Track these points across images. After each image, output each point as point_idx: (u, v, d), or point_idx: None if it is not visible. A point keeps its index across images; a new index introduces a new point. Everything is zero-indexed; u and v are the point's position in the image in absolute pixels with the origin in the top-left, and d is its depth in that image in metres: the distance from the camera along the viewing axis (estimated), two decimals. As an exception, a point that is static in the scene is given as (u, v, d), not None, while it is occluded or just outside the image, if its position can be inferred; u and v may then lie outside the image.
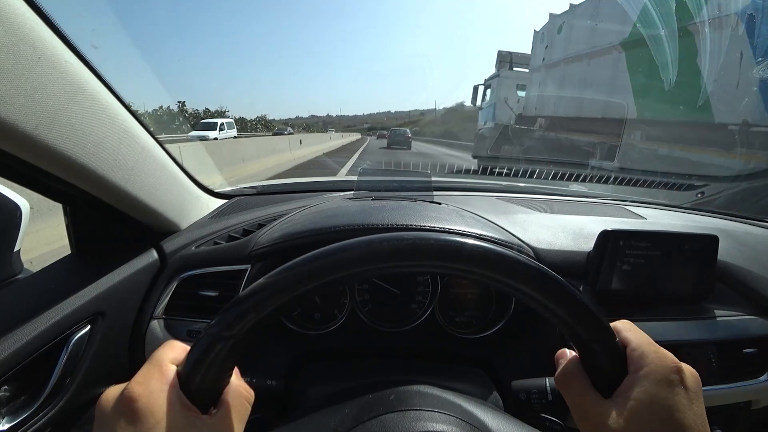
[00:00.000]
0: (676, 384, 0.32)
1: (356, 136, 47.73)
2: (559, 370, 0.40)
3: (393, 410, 0.47)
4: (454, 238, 0.35)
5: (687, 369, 0.34)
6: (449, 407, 0.48)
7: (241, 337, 0.32)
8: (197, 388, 0.32)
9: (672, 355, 0.35)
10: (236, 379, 0.36)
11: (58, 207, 0.70)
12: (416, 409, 0.47)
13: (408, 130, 25.82)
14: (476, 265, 0.34)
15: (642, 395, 0.32)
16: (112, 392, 0.31)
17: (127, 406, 0.29)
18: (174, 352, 0.34)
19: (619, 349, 0.35)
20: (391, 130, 26.09)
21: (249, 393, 0.36)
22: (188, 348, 0.33)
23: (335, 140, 25.52)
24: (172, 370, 0.32)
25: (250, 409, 0.36)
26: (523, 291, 0.34)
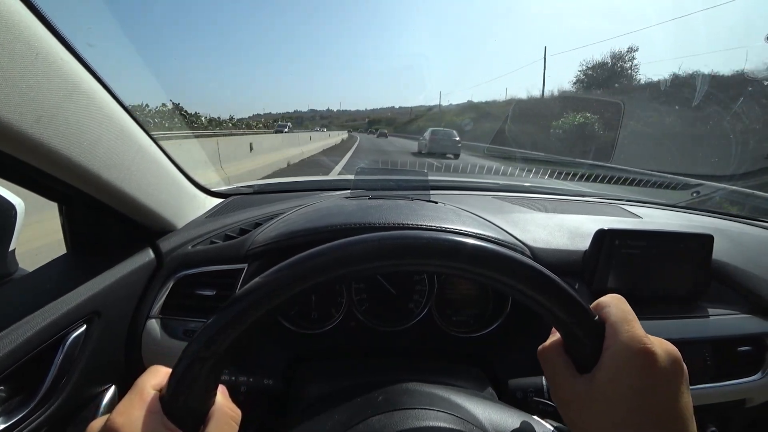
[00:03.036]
0: (645, 366, 0.31)
1: (338, 137, 31.76)
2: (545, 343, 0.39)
3: (381, 411, 0.46)
4: (428, 234, 0.35)
5: (661, 347, 0.32)
6: (438, 402, 0.48)
7: (221, 355, 0.32)
8: (181, 410, 0.31)
9: (644, 334, 0.33)
10: (222, 399, 0.35)
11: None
12: (404, 409, 0.47)
13: (455, 132, 16.46)
14: (454, 260, 0.34)
15: (607, 375, 0.32)
16: (96, 425, 0.31)
17: None
18: (156, 378, 0.34)
19: (597, 327, 0.34)
20: (431, 130, 16.82)
21: (235, 413, 0.36)
22: (170, 371, 0.33)
23: (290, 150, 12.79)
24: (152, 395, 0.32)
25: (237, 429, 0.35)
26: (498, 279, 0.34)
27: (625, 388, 0.31)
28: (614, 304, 0.36)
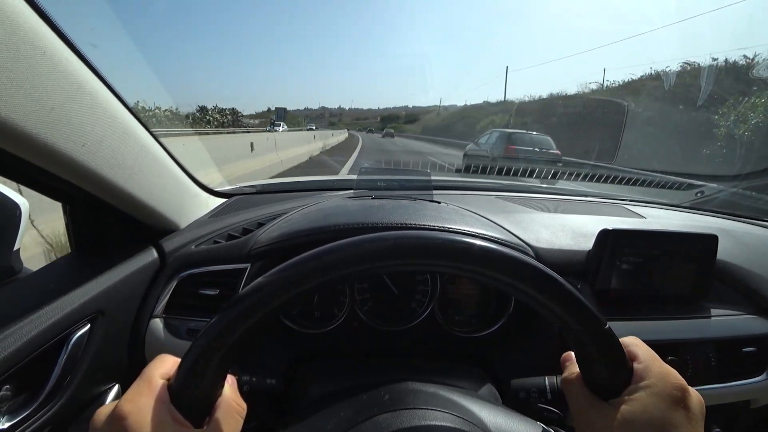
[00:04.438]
0: (677, 401, 0.33)
1: (332, 139, 24.54)
2: (564, 372, 0.41)
3: (387, 410, 0.47)
4: (455, 237, 0.35)
5: (693, 392, 0.34)
6: (444, 403, 0.48)
7: (230, 347, 0.32)
8: (188, 400, 0.31)
9: (678, 374, 0.35)
10: (230, 392, 0.36)
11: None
12: (410, 408, 0.47)
13: (550, 140, 9.20)
14: (494, 270, 0.34)
15: (638, 404, 0.33)
16: (104, 411, 0.31)
17: (117, 424, 0.29)
18: (164, 367, 0.34)
19: (626, 363, 0.36)
20: (505, 133, 9.64)
21: (241, 406, 0.36)
22: (179, 361, 0.33)
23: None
24: (161, 384, 0.32)
25: (242, 422, 0.36)
26: (524, 290, 0.34)
27: (656, 419, 0.32)
28: (639, 344, 0.38)
